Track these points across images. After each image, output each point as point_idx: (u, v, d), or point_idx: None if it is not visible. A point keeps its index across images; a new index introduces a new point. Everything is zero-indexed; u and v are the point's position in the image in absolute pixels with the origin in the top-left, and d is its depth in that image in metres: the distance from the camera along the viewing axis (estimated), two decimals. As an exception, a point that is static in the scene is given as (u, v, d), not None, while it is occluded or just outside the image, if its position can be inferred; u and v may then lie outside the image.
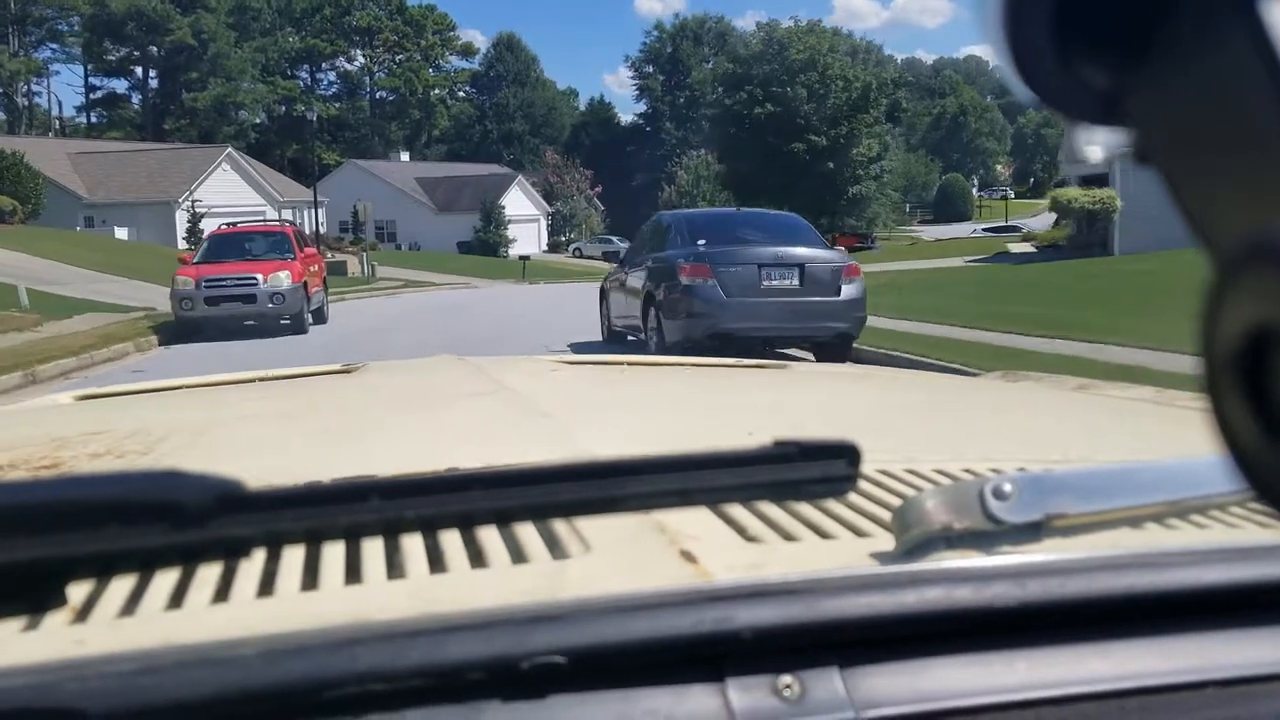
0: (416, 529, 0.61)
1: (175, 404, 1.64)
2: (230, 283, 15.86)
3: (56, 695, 0.49)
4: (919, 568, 0.63)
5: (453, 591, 0.64)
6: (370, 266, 35.76)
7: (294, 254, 16.87)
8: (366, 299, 28.69)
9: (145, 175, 42.76)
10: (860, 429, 1.00)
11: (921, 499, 0.66)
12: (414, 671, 0.52)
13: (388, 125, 76.62)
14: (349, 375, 1.81)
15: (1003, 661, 0.59)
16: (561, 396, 1.49)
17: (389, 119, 77.38)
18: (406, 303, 27.16)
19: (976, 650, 0.59)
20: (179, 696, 0.50)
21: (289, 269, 16.28)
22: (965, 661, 0.59)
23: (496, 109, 78.31)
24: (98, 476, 0.59)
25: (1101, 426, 1.30)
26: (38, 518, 0.49)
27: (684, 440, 1.06)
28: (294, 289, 16.07)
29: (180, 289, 16.03)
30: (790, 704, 0.55)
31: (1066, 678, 0.58)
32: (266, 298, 15.86)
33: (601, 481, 0.59)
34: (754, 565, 0.67)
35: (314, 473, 0.77)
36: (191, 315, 15.76)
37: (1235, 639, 0.61)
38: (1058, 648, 0.60)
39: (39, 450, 1.06)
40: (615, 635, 0.55)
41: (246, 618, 0.60)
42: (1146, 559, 0.63)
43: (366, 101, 78.21)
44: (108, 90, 72.20)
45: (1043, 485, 0.64)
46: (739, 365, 2.05)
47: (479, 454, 0.95)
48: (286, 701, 0.51)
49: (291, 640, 0.53)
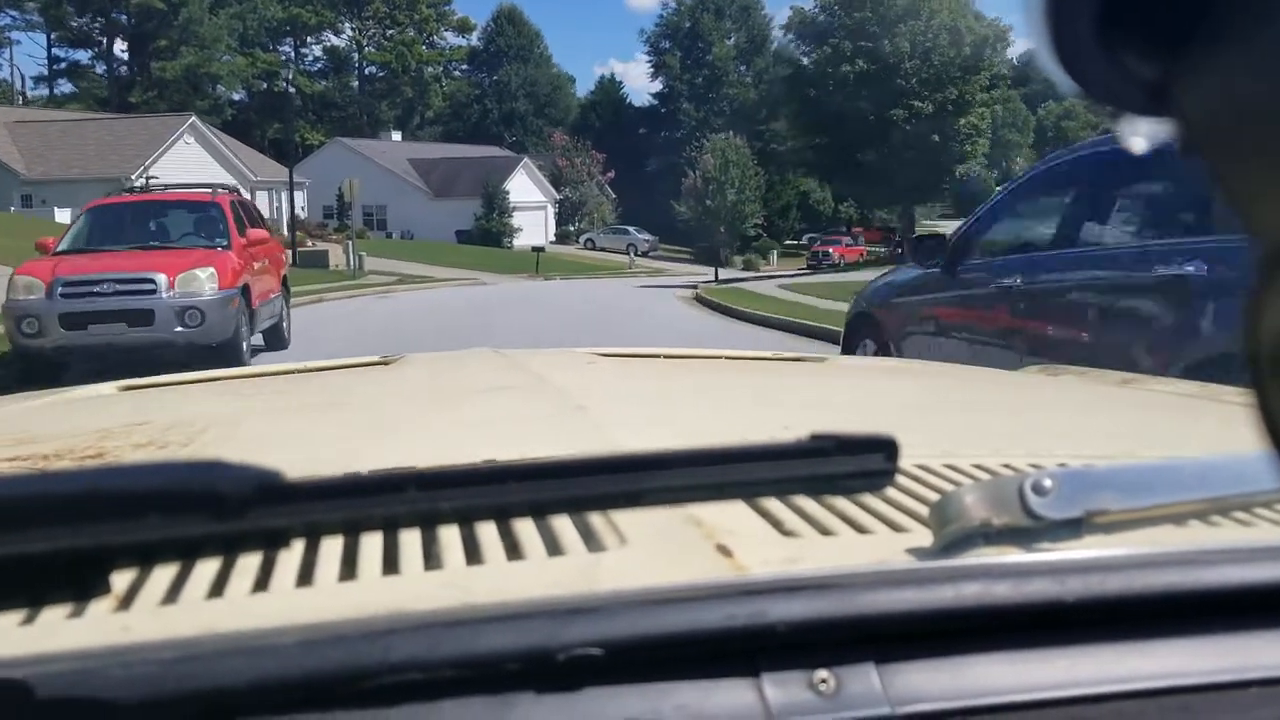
0: (453, 520, 0.64)
1: (216, 394, 1.67)
2: (107, 288, 8.84)
3: (101, 681, 0.51)
4: (957, 563, 0.63)
5: (489, 583, 0.65)
6: (357, 258, 28.63)
7: (227, 239, 9.89)
8: (352, 299, 23.63)
9: (94, 149, 36.68)
10: (898, 423, 0.99)
11: (960, 494, 0.67)
12: (450, 662, 0.53)
13: (378, 104, 70.17)
14: (387, 367, 1.84)
15: (1041, 658, 0.59)
16: (598, 389, 1.51)
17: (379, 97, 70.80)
18: (403, 307, 20.33)
19: (1014, 647, 0.59)
20: (220, 683, 0.51)
21: (215, 264, 9.46)
22: (1003, 658, 0.59)
23: (497, 87, 71.48)
24: (141, 466, 0.60)
25: (1144, 422, 1.31)
26: (83, 507, 0.51)
27: (720, 434, 1.07)
28: (221, 299, 9.32)
29: (19, 300, 9.08)
30: (826, 699, 0.56)
31: (1106, 676, 0.58)
32: (172, 314, 8.95)
33: (637, 475, 0.59)
34: (790, 560, 0.68)
35: (352, 464, 0.80)
36: (39, 344, 8.74)
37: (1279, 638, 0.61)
38: (1097, 645, 0.60)
39: (84, 440, 1.10)
40: (651, 628, 0.56)
41: (286, 607, 0.62)
42: (1189, 556, 0.63)
43: (355, 78, 71.25)
44: (71, 61, 65.10)
45: (1083, 481, 0.65)
46: (777, 358, 2.07)
47: (515, 446, 0.97)
48: (325, 690, 0.52)
49: (330, 630, 0.54)
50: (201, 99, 62.20)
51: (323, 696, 0.52)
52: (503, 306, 20.82)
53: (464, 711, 0.53)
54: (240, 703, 0.52)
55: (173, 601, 0.63)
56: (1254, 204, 0.31)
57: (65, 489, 0.53)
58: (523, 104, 72.70)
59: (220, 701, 0.51)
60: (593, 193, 57.55)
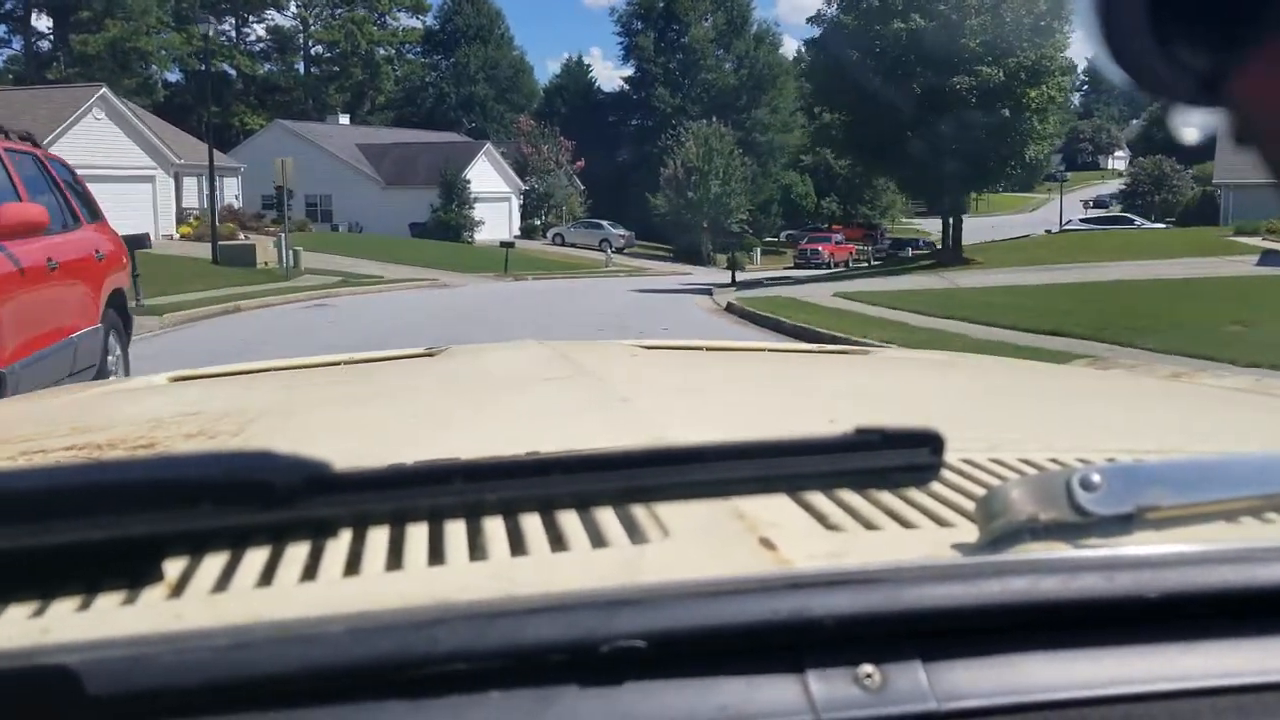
0: (498, 511, 0.64)
1: (264, 385, 1.69)
2: None
3: (155, 667, 0.52)
4: (1003, 558, 0.64)
5: (533, 574, 0.66)
6: (290, 254, 23.18)
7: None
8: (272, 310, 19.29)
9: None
10: (944, 416, 1.00)
11: (1006, 489, 0.67)
12: (495, 652, 0.54)
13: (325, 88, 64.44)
14: (432, 359, 1.86)
15: (1090, 655, 0.59)
16: (641, 381, 1.52)
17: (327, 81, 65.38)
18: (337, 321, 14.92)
19: (1063, 643, 0.60)
20: (270, 671, 0.53)
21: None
22: (1051, 654, 0.59)
23: (454, 70, 66.01)
24: (192, 457, 0.62)
25: (1195, 416, 1.30)
26: (136, 496, 0.52)
27: (764, 426, 1.08)
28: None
29: None
30: (871, 693, 0.56)
31: (1156, 674, 0.59)
32: None
33: (681, 467, 0.60)
34: (834, 554, 0.68)
35: (398, 455, 0.81)
36: None
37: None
38: (1148, 643, 0.60)
39: (136, 430, 1.13)
40: (695, 620, 0.56)
41: (333, 596, 0.63)
42: (1243, 554, 0.64)
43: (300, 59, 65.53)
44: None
45: (1133, 476, 0.65)
46: (821, 350, 2.08)
47: (559, 438, 0.98)
48: (372, 678, 0.54)
49: (377, 619, 0.56)
50: (130, 77, 56.24)
51: (370, 685, 0.53)
52: (480, 318, 15.73)
53: (508, 702, 0.54)
54: (289, 689, 0.53)
55: (223, 590, 0.64)
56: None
57: (119, 479, 0.54)
58: (483, 88, 68.11)
59: (270, 688, 0.53)
60: (561, 183, 52.80)
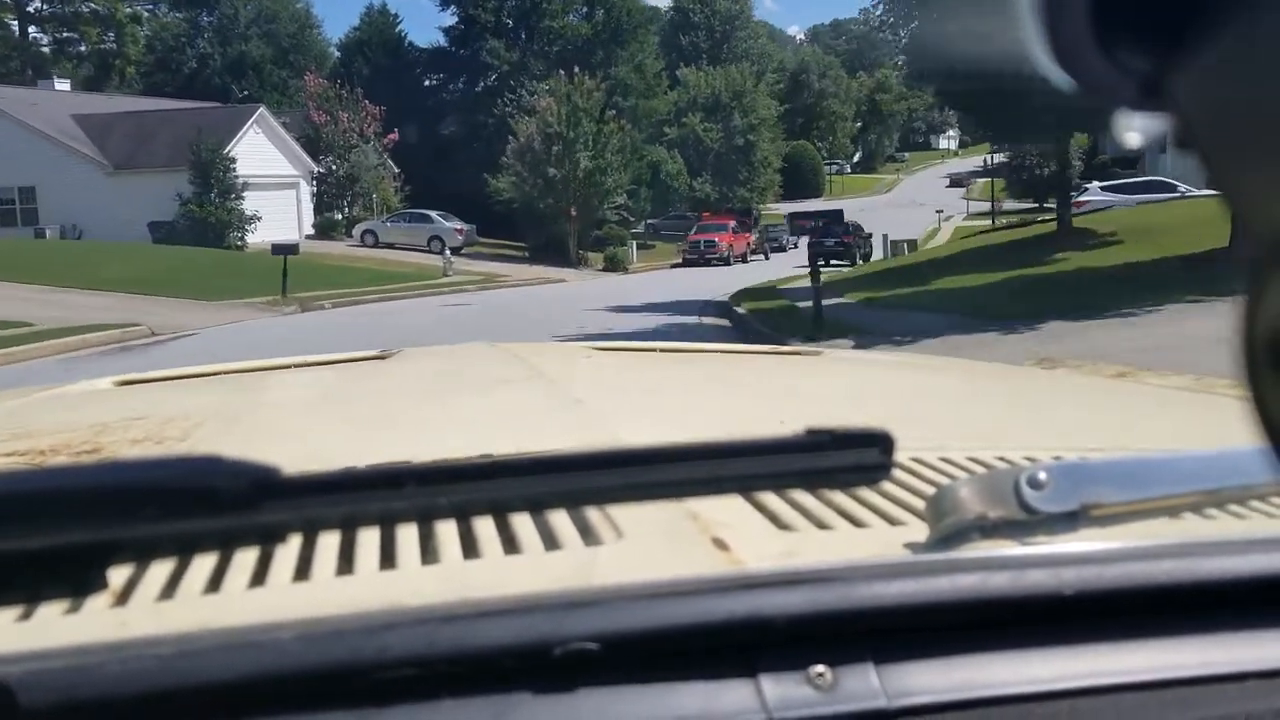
0: (450, 515, 0.65)
1: (212, 390, 1.68)
2: None
3: (99, 676, 0.51)
4: (953, 556, 0.65)
5: (486, 577, 0.66)
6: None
7: None
8: None
9: None
10: (893, 417, 1.02)
11: (956, 488, 0.68)
12: (448, 656, 0.54)
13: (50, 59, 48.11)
14: (383, 361, 1.84)
15: (1038, 651, 0.60)
16: (594, 383, 1.53)
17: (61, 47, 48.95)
18: None
19: (1011, 640, 0.60)
20: (218, 679, 0.52)
21: None
22: (999, 651, 0.60)
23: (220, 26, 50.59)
24: (138, 462, 0.61)
25: (1139, 415, 1.33)
26: (80, 502, 0.52)
27: (716, 428, 1.09)
28: None
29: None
30: (823, 692, 0.57)
31: (1103, 668, 0.60)
32: None
33: (634, 469, 0.60)
34: (786, 553, 0.69)
35: (349, 459, 0.82)
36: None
37: (1277, 630, 0.63)
38: (1094, 638, 0.61)
39: (80, 435, 1.11)
40: (648, 622, 0.57)
41: (283, 602, 0.63)
42: (1185, 548, 0.65)
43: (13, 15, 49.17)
44: None
45: (1079, 474, 0.66)
46: (772, 352, 2.07)
47: (512, 440, 0.98)
48: (323, 684, 0.53)
49: (327, 624, 0.55)
50: None
51: (320, 691, 0.53)
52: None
53: (460, 708, 0.54)
54: (238, 697, 0.52)
55: (170, 597, 0.64)
56: (1250, 198, 0.31)
57: (62, 485, 0.53)
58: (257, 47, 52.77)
59: (218, 696, 0.52)
60: (368, 162, 38.41)
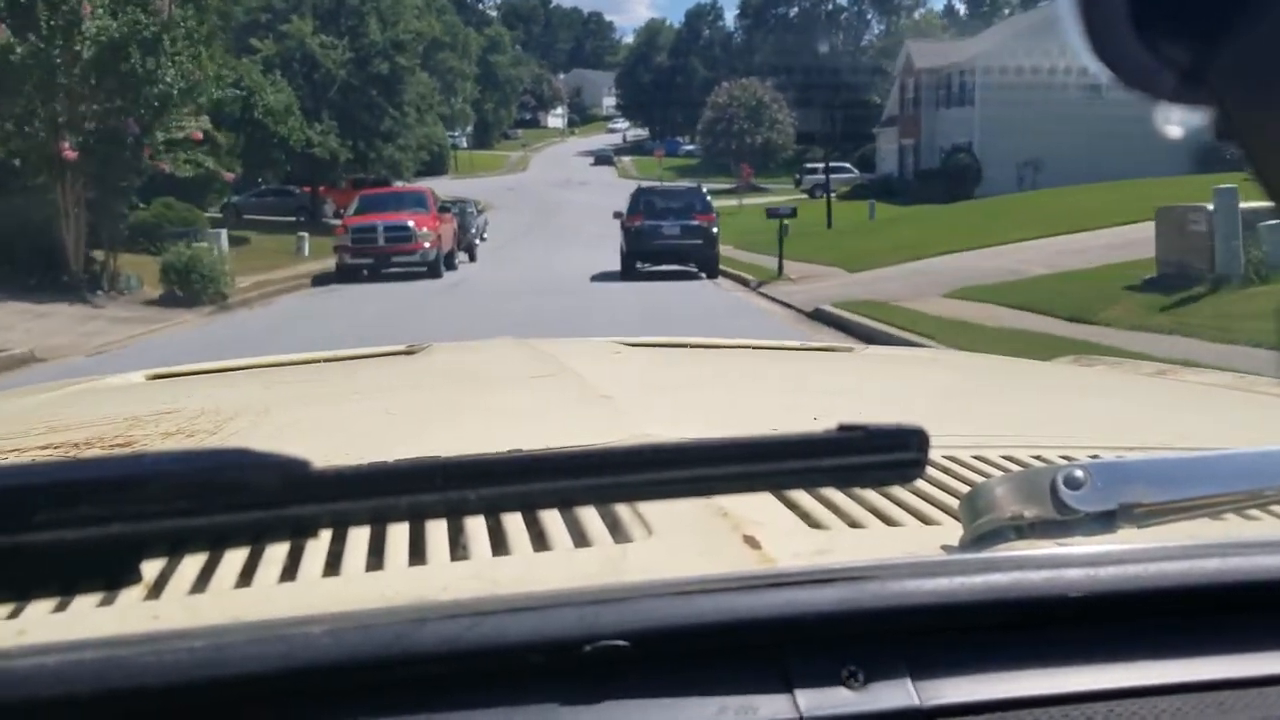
0: (480, 511, 0.65)
1: (242, 383, 1.69)
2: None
3: (131, 668, 0.52)
4: (988, 555, 0.64)
5: (515, 573, 0.66)
6: None
7: None
8: None
9: None
10: (928, 414, 1.01)
11: (991, 486, 0.67)
12: (476, 652, 0.54)
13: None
14: (412, 356, 1.85)
15: (1074, 653, 0.59)
16: (624, 379, 1.53)
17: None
18: None
19: (1047, 640, 0.60)
20: (249, 671, 0.53)
21: None
22: (1034, 652, 0.59)
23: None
24: (170, 455, 0.61)
25: (1178, 413, 1.30)
26: (113, 496, 0.52)
27: (748, 425, 1.09)
28: None
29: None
30: (855, 691, 0.56)
31: (1140, 671, 0.59)
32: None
33: (664, 466, 0.60)
34: (818, 551, 0.69)
35: (379, 453, 0.82)
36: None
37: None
38: (1131, 640, 0.60)
39: (113, 429, 1.13)
40: (678, 619, 0.56)
41: (313, 596, 0.63)
42: (1226, 549, 0.64)
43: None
44: None
45: (1117, 473, 0.65)
46: (804, 348, 2.08)
47: (542, 437, 0.99)
48: (352, 678, 0.54)
49: (357, 619, 0.55)
50: None
51: (350, 684, 0.53)
52: None
53: (489, 702, 0.54)
54: (268, 690, 0.53)
55: (201, 590, 0.65)
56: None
57: (96, 478, 0.54)
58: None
59: (248, 689, 0.52)
60: None
